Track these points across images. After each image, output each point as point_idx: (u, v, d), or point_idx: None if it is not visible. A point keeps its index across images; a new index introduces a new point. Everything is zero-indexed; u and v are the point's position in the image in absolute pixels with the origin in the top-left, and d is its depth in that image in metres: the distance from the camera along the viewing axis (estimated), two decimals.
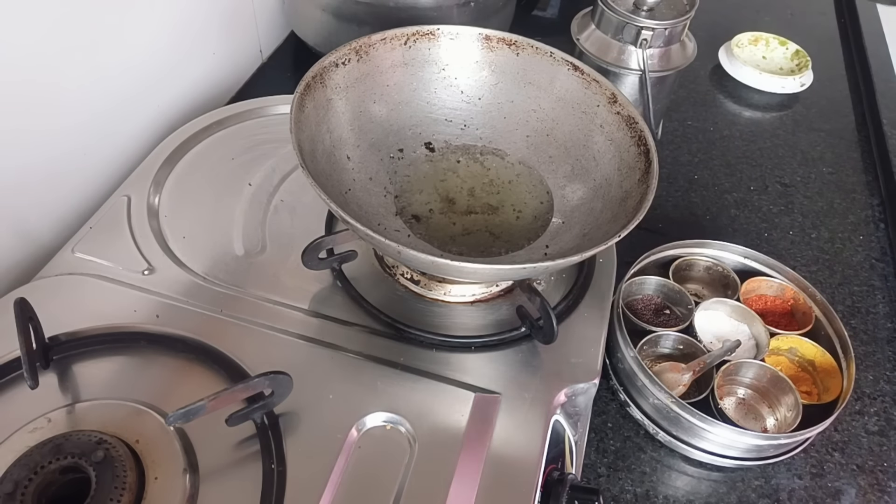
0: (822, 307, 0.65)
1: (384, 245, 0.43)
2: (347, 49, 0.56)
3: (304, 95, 0.52)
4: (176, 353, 0.50)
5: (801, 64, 1.02)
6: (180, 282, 0.56)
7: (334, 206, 0.44)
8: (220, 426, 0.45)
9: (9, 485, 0.40)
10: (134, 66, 0.69)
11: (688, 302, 0.65)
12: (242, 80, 0.91)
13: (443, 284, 0.56)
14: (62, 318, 0.51)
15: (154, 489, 0.43)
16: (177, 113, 0.77)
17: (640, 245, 0.66)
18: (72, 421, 0.46)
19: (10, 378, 0.48)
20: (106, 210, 0.61)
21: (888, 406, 0.65)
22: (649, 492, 0.57)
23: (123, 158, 0.70)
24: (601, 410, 0.62)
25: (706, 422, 0.55)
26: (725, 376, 0.61)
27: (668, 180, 0.86)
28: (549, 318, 0.50)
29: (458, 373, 0.51)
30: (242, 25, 0.88)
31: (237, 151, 0.68)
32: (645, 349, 0.62)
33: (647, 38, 0.91)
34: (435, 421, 0.48)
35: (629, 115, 0.54)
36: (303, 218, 0.62)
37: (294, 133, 0.48)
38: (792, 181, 0.89)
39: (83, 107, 0.64)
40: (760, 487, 0.58)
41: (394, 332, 0.54)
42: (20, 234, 0.61)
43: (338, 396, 0.49)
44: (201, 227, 0.61)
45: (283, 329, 0.53)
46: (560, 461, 0.51)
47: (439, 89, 0.62)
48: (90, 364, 0.50)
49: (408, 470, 0.45)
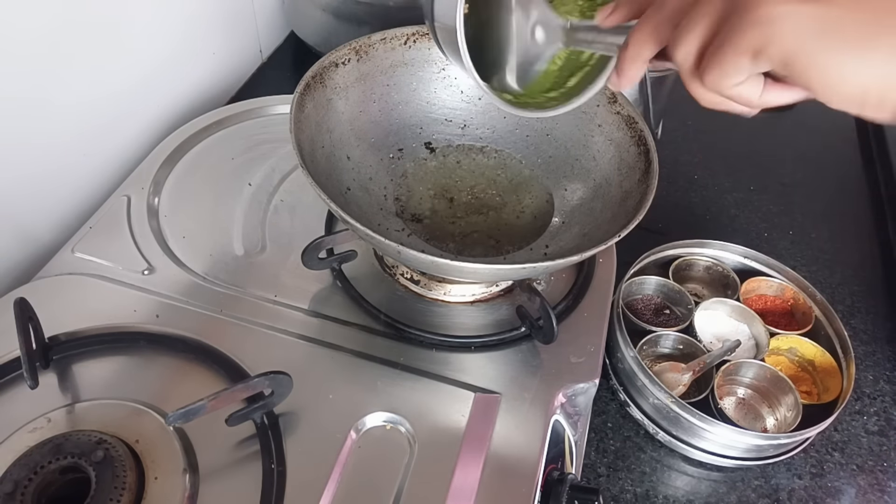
0: (821, 307, 0.65)
1: (384, 245, 0.43)
2: (347, 49, 0.56)
3: (303, 95, 0.52)
4: (176, 352, 0.50)
5: None
6: (180, 282, 0.56)
7: (334, 206, 0.44)
8: (220, 426, 0.45)
9: (9, 485, 0.40)
10: (133, 65, 0.69)
11: (688, 302, 0.65)
12: (242, 80, 0.91)
13: (443, 284, 0.56)
14: (62, 318, 0.51)
15: (154, 489, 0.43)
16: (176, 113, 0.77)
17: (640, 245, 0.66)
18: (71, 421, 0.46)
19: (9, 378, 0.48)
20: (106, 210, 0.61)
21: (888, 406, 0.65)
22: (649, 492, 0.57)
23: (123, 158, 0.70)
24: (601, 410, 0.62)
25: (706, 422, 0.55)
26: (725, 376, 0.61)
27: (668, 180, 0.86)
28: (549, 318, 0.50)
29: (457, 373, 0.51)
30: (242, 25, 0.88)
31: (237, 151, 0.68)
32: (645, 349, 0.62)
33: None
34: (435, 421, 0.48)
35: (629, 114, 0.54)
36: (303, 218, 0.62)
37: (294, 133, 0.48)
38: (792, 181, 0.89)
39: (83, 107, 0.64)
40: (760, 487, 0.58)
41: (394, 332, 0.54)
42: (20, 233, 0.61)
43: (338, 396, 0.49)
44: (201, 227, 0.61)
45: (282, 329, 0.53)
46: (560, 461, 0.51)
47: (439, 89, 0.62)
48: (90, 364, 0.50)
49: (408, 470, 0.45)
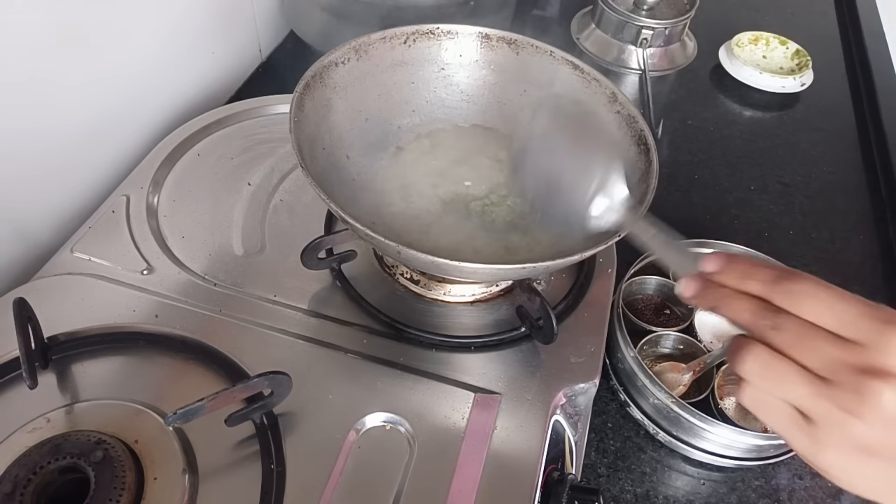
0: None
1: (384, 245, 0.43)
2: (347, 48, 0.56)
3: (303, 95, 0.52)
4: (175, 353, 0.50)
5: (801, 63, 1.02)
6: (179, 281, 0.56)
7: (334, 206, 0.44)
8: (220, 426, 0.45)
9: (8, 485, 0.40)
10: (132, 65, 0.69)
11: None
12: (242, 79, 0.90)
13: (442, 284, 0.56)
14: (61, 318, 0.51)
15: (153, 489, 0.43)
16: (176, 112, 0.77)
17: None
18: (71, 421, 0.46)
19: (8, 378, 0.48)
20: (105, 210, 0.61)
21: None
22: (649, 492, 0.57)
23: (122, 158, 0.70)
24: (601, 410, 0.62)
25: (706, 422, 0.55)
26: (726, 376, 0.61)
27: (668, 180, 0.86)
28: (549, 318, 0.50)
29: (457, 373, 0.51)
30: (242, 24, 0.88)
31: (236, 151, 0.68)
32: (645, 349, 0.62)
33: (648, 38, 0.90)
34: (435, 421, 0.48)
35: (629, 114, 0.54)
36: (302, 218, 0.62)
37: (293, 133, 0.48)
38: (792, 181, 0.88)
39: (81, 106, 0.64)
40: (761, 487, 0.58)
41: (393, 332, 0.54)
42: (19, 233, 0.61)
43: (337, 396, 0.49)
44: (200, 227, 0.61)
45: (282, 329, 0.53)
46: (560, 461, 0.51)
47: (439, 88, 0.62)
48: (89, 364, 0.49)
49: (408, 470, 0.45)
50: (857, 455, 0.29)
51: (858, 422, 0.28)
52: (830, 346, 0.29)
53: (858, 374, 0.28)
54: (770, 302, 0.31)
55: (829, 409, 0.29)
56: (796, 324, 0.30)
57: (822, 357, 0.29)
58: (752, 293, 0.31)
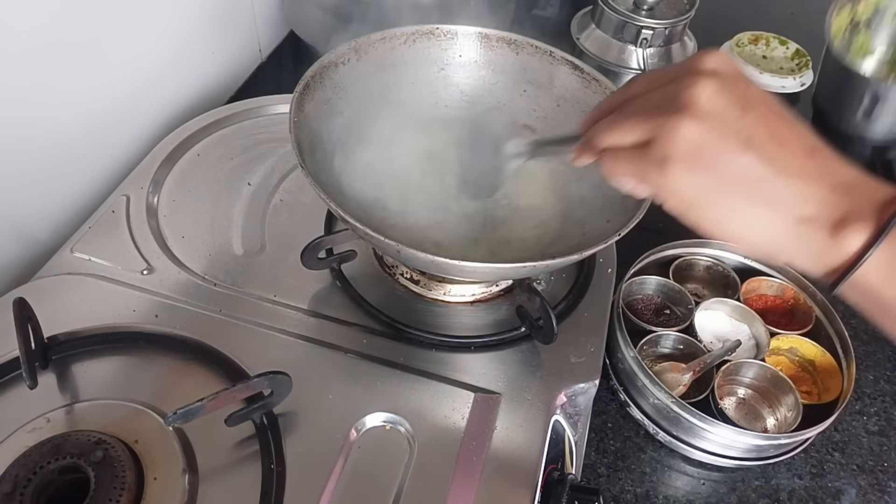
0: (822, 307, 0.65)
1: (384, 244, 0.43)
2: (347, 48, 0.56)
3: (303, 95, 0.52)
4: (175, 353, 0.50)
5: (801, 63, 1.02)
6: (179, 281, 0.56)
7: (334, 206, 0.44)
8: (220, 426, 0.45)
9: (8, 485, 0.40)
10: (132, 65, 0.69)
11: (688, 302, 0.65)
12: (241, 79, 0.90)
13: (442, 284, 0.56)
14: (61, 318, 0.51)
15: (153, 489, 0.43)
16: (175, 112, 0.77)
17: (640, 245, 0.66)
18: (71, 421, 0.46)
19: (8, 378, 0.48)
20: (105, 210, 0.61)
21: (888, 406, 0.65)
22: (649, 492, 0.57)
23: (122, 158, 0.70)
24: (601, 410, 0.62)
25: (706, 422, 0.55)
26: (725, 376, 0.61)
27: None
28: (549, 318, 0.50)
29: (457, 373, 0.51)
30: (241, 24, 0.88)
31: (236, 151, 0.68)
32: (645, 349, 0.62)
33: (648, 38, 0.90)
34: (435, 421, 0.48)
35: None
36: (302, 218, 0.62)
37: (293, 133, 0.48)
38: None
39: (81, 106, 0.64)
40: (761, 487, 0.58)
41: (393, 332, 0.54)
42: (19, 233, 0.61)
43: (337, 396, 0.49)
44: (200, 227, 0.61)
45: (282, 329, 0.53)
46: (560, 461, 0.51)
47: (439, 88, 0.62)
48: (89, 364, 0.49)
49: (408, 470, 0.45)
50: (697, 162, 0.32)
51: (685, 119, 0.31)
52: (651, 92, 0.34)
53: (674, 83, 0.33)
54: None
55: (658, 121, 0.32)
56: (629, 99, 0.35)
57: (645, 102, 0.34)
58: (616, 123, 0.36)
